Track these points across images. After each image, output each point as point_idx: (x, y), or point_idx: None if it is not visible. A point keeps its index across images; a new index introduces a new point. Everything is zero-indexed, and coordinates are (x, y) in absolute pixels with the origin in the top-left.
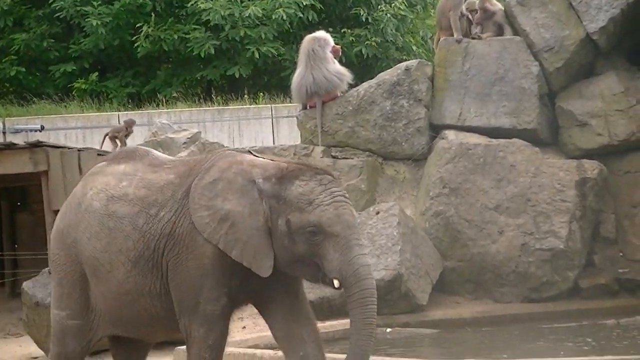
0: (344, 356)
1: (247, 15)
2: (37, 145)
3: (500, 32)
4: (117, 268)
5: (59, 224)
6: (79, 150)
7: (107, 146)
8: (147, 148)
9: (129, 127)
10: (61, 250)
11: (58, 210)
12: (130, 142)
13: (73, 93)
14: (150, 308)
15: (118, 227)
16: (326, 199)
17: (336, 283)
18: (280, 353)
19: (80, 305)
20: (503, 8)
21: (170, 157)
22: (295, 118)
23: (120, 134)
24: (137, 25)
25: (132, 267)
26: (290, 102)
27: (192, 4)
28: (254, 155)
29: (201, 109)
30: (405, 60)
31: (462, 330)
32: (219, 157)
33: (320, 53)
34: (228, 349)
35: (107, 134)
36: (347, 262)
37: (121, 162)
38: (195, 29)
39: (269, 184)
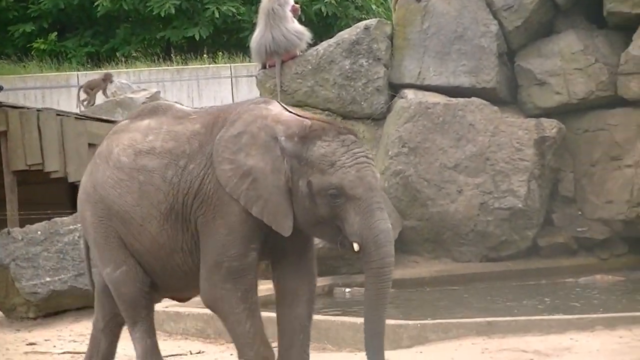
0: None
1: None
2: None
3: None
4: (149, 222)
5: (86, 184)
6: (38, 110)
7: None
8: (169, 102)
9: (105, 80)
10: (89, 210)
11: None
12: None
13: (32, 53)
14: (184, 264)
15: (148, 181)
16: (348, 160)
17: (356, 247)
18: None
19: (118, 253)
20: None
21: (195, 109)
22: (254, 77)
23: (95, 88)
24: None
25: (164, 221)
26: (250, 62)
27: None
28: (283, 108)
29: (160, 68)
30: (365, 19)
31: (420, 289)
32: (245, 108)
33: (280, 12)
34: (186, 309)
35: (81, 87)
36: (368, 227)
37: (145, 118)
38: None
39: (291, 143)
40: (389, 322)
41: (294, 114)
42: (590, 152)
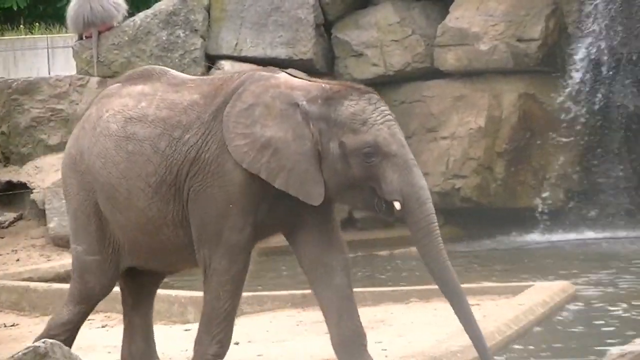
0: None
1: None
2: None
3: None
4: (136, 195)
5: (70, 150)
6: None
7: None
8: (164, 67)
9: None
10: (74, 179)
11: None
12: None
13: None
14: (174, 238)
15: (138, 151)
16: (379, 118)
17: (397, 205)
18: (54, 286)
19: (97, 239)
20: None
21: (191, 76)
22: (71, 48)
23: None
24: None
25: (153, 194)
26: (67, 33)
27: None
28: (290, 75)
29: None
30: None
31: None
32: (250, 79)
33: None
34: (0, 282)
35: None
36: (408, 184)
37: (138, 83)
38: None
39: (316, 106)
40: (198, 294)
41: (304, 79)
42: (407, 123)
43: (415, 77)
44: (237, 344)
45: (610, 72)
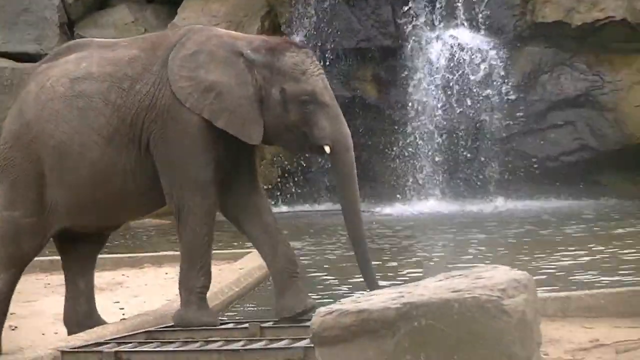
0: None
1: None
2: None
3: None
4: (89, 148)
5: (11, 127)
6: None
7: None
8: (87, 38)
9: None
10: (17, 152)
11: None
12: None
13: None
14: (123, 185)
15: (88, 106)
16: (315, 70)
17: (327, 149)
18: None
19: (36, 204)
20: None
21: (117, 39)
22: None
23: None
24: None
25: (106, 145)
26: None
27: None
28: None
29: None
30: None
31: None
32: (192, 31)
33: None
34: None
35: None
36: (338, 131)
37: (69, 53)
38: None
39: (260, 55)
40: None
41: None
42: None
43: None
44: None
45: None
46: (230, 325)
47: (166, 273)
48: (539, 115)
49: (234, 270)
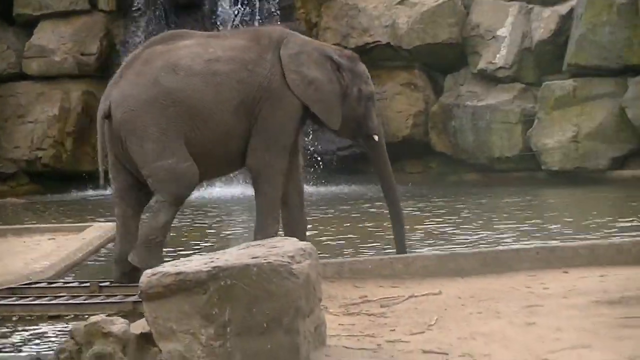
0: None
1: None
2: None
3: None
4: (222, 115)
5: (141, 95)
6: None
7: None
8: (182, 30)
9: None
10: (156, 113)
11: None
12: None
13: None
14: (236, 147)
15: (222, 82)
16: (369, 77)
17: (376, 138)
18: None
19: (185, 154)
20: None
21: (213, 32)
22: None
23: None
24: None
25: (233, 112)
26: None
27: None
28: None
29: None
30: None
31: None
32: (287, 34)
33: None
34: None
35: None
36: (379, 125)
37: (175, 40)
38: None
39: (345, 60)
40: None
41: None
42: (3, 111)
43: (9, 79)
44: None
45: None
46: (75, 284)
47: (24, 242)
48: None
49: (79, 240)
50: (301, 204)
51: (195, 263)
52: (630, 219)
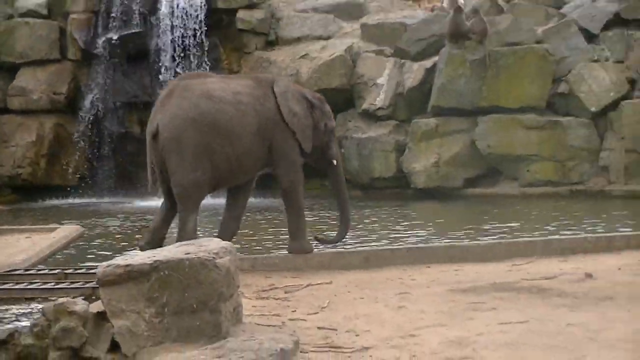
0: None
1: None
2: None
3: None
4: (245, 135)
5: (187, 114)
6: None
7: None
8: (202, 71)
9: None
10: (193, 132)
11: None
12: None
13: None
14: (255, 164)
15: (246, 110)
16: (332, 115)
17: (335, 162)
18: None
19: (209, 168)
20: None
21: (223, 75)
22: None
23: None
24: None
25: (254, 135)
26: None
27: None
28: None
29: None
30: None
31: None
32: (276, 78)
33: None
34: None
35: None
36: (338, 153)
37: (205, 77)
38: None
39: (316, 101)
40: None
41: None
42: None
43: None
44: None
45: (103, 113)
46: (46, 272)
47: (6, 240)
48: None
49: (49, 238)
50: (239, 217)
51: (140, 257)
52: (477, 225)
